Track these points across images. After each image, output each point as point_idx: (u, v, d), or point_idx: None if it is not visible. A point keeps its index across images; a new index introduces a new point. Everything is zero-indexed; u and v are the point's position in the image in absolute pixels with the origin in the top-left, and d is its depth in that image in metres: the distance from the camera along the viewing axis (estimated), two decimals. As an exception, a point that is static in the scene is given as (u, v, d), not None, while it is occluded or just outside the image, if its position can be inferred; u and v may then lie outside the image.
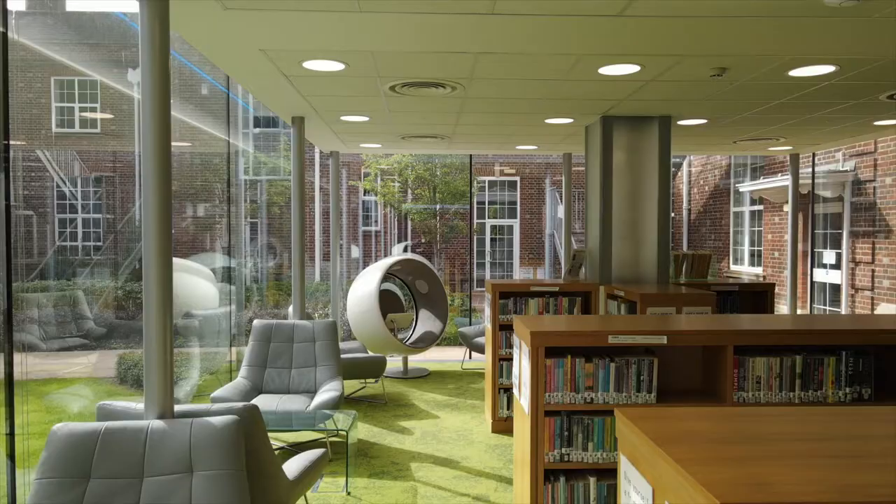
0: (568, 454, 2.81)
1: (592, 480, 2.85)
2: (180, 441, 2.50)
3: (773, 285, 5.62)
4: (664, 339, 2.77)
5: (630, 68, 3.93)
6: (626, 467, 1.47)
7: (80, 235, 13.60)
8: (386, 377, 7.45)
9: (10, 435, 3.15)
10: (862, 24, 3.11)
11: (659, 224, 5.53)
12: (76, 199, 14.15)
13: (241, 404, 2.80)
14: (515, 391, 3.21)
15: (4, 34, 2.50)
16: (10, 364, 3.18)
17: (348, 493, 4.20)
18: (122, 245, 13.31)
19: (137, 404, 2.87)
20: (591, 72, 4.02)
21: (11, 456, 3.18)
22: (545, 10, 2.94)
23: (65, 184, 14.28)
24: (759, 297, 5.64)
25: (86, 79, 17.34)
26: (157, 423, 2.55)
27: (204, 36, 3.36)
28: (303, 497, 3.93)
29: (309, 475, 3.34)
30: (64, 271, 11.94)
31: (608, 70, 3.97)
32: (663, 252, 5.53)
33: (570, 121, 5.73)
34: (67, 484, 2.38)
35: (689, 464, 1.17)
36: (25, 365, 7.82)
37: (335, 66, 3.90)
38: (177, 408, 2.73)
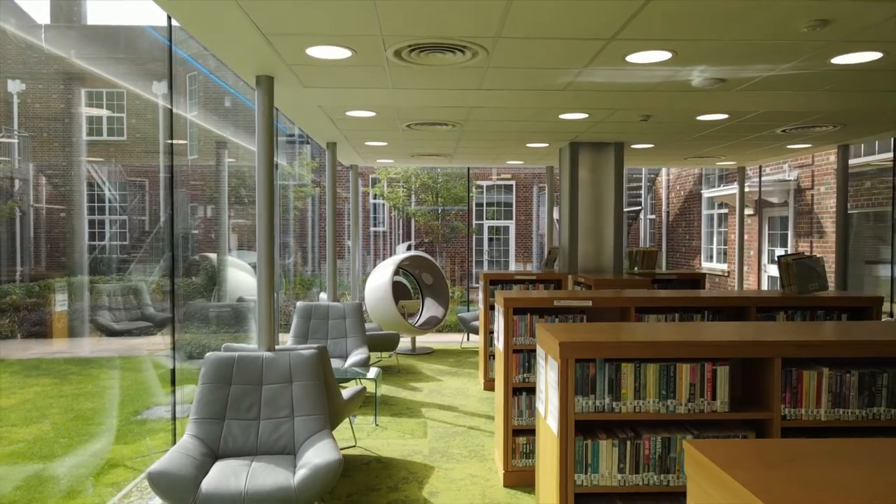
0: (528, 377, 4.33)
1: (544, 395, 4.36)
2: (283, 364, 4.02)
3: (704, 275, 7.14)
4: (589, 303, 4.29)
5: (581, 115, 5.45)
6: (538, 349, 2.98)
7: (126, 235, 15.11)
8: (397, 354, 8.96)
9: (172, 382, 4.66)
10: (729, 94, 4.63)
11: (615, 227, 7.04)
12: (115, 203, 15.63)
13: (315, 345, 4.31)
14: (495, 340, 4.72)
15: (170, 110, 3.96)
16: (173, 340, 4.72)
17: (377, 425, 5.71)
18: (156, 245, 14.82)
19: (248, 345, 4.40)
20: (553, 116, 5.54)
21: (173, 391, 4.71)
22: (515, 87, 4.46)
23: (105, 188, 15.76)
24: (694, 283, 7.15)
25: (114, 90, 18.86)
26: (268, 353, 4.07)
27: (283, 99, 4.87)
28: (347, 422, 5.46)
29: (354, 400, 4.86)
30: (110, 266, 13.47)
31: (566, 116, 5.49)
32: (618, 249, 7.05)
33: (546, 145, 7.25)
34: (218, 387, 3.90)
35: (558, 335, 2.67)
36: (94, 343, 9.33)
37: (368, 114, 5.42)
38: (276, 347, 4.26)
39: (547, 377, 2.76)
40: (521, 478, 4.28)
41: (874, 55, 3.59)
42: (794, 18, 3.01)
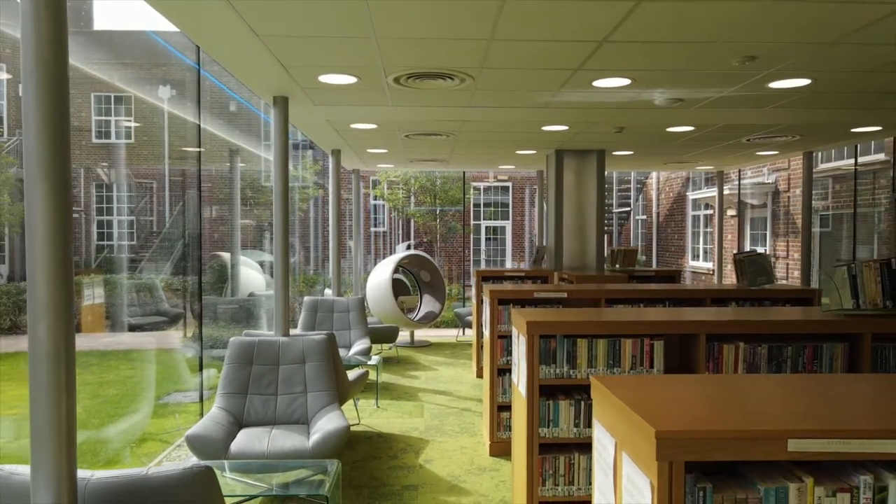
0: (510, 359, 4.92)
1: (526, 376, 4.96)
2: (297, 347, 4.62)
3: (679, 272, 7.74)
4: (565, 294, 4.89)
5: (562, 127, 6.05)
6: (513, 330, 3.58)
7: (135, 235, 15.70)
8: (396, 346, 9.56)
9: (200, 367, 5.26)
10: (689, 111, 5.23)
11: (597, 227, 7.65)
12: (123, 203, 16.21)
13: (325, 332, 4.91)
14: (484, 328, 5.32)
15: (199, 126, 4.56)
16: (200, 332, 5.31)
17: (378, 407, 6.32)
18: (164, 245, 15.41)
19: (266, 332, 5.00)
20: (537, 128, 6.14)
21: (200, 372, 5.30)
22: (500, 104, 5.06)
23: (114, 190, 16.34)
24: (670, 279, 7.76)
25: (121, 94, 19.44)
26: (284, 338, 4.67)
27: (295, 114, 5.47)
28: (352, 403, 6.06)
29: (358, 382, 5.46)
30: (122, 265, 14.06)
31: (548, 128, 6.09)
32: (600, 247, 7.65)
33: (534, 152, 7.86)
34: (241, 367, 4.50)
35: (527, 316, 3.27)
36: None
37: (371, 126, 6.03)
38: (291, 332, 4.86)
39: (518, 351, 3.37)
40: (504, 448, 4.88)
41: (804, 81, 4.20)
42: (727, 55, 3.61)
